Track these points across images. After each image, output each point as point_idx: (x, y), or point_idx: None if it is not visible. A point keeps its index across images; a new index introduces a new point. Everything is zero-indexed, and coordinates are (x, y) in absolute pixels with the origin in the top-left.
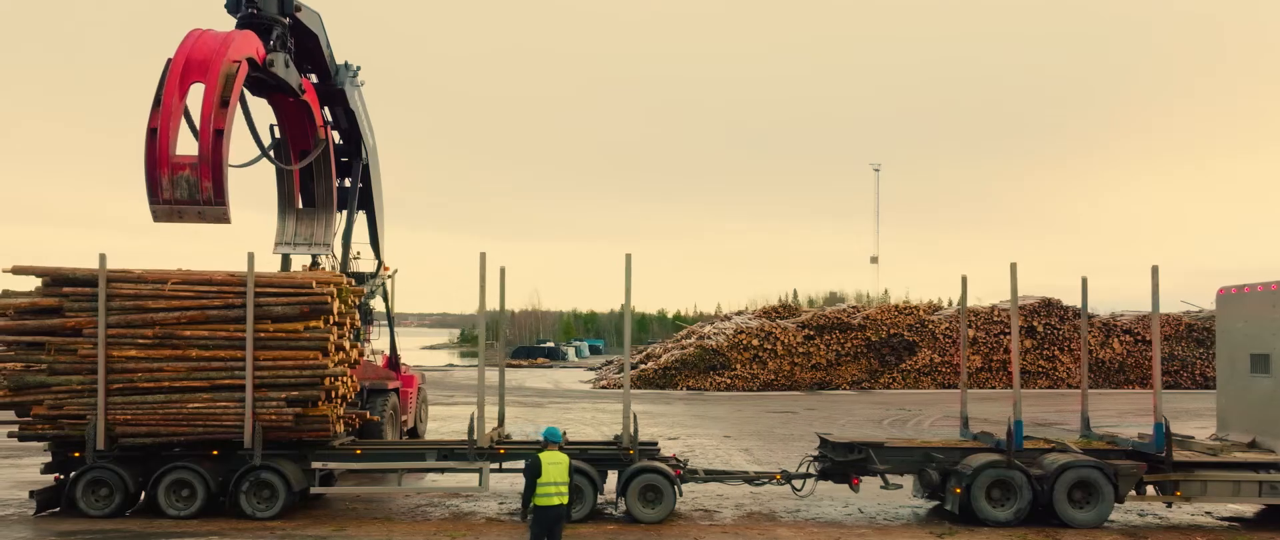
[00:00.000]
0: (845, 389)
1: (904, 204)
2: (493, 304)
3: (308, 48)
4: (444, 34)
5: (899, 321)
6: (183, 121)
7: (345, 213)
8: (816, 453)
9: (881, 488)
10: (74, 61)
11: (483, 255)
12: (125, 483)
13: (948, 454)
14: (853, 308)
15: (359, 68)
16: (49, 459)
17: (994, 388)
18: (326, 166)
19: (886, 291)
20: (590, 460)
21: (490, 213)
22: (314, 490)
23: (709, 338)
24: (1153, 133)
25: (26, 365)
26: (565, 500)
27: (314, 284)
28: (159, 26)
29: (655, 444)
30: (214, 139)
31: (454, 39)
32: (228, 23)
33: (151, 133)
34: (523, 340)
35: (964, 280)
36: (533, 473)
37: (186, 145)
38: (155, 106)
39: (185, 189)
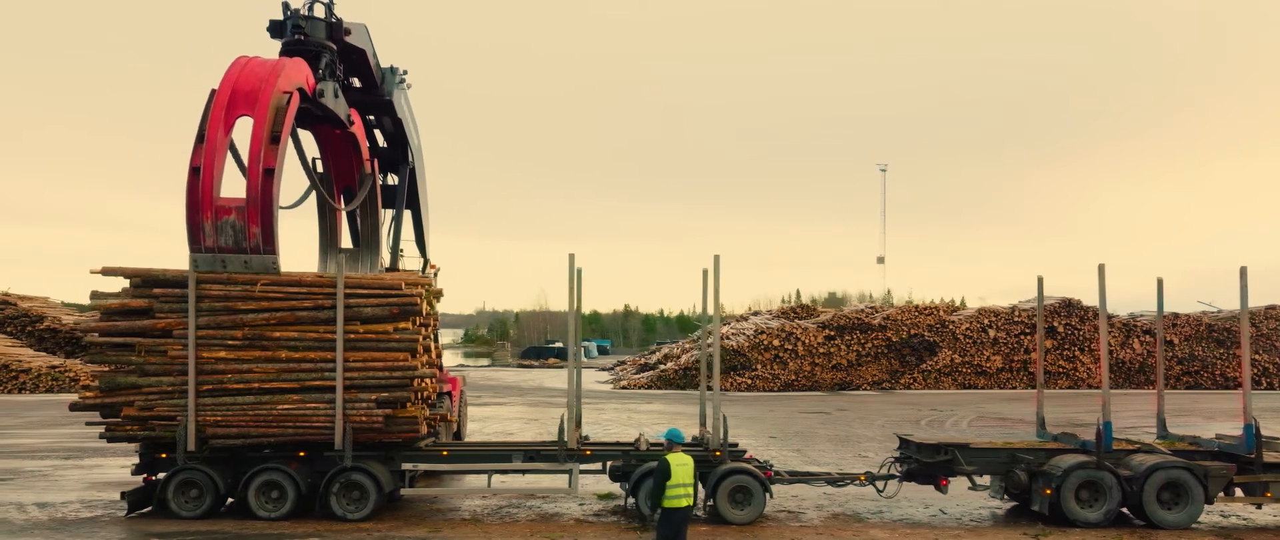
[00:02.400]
0: (866, 389)
1: (906, 204)
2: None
3: (354, 62)
4: (444, 32)
5: (919, 321)
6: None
7: (391, 211)
8: (898, 454)
9: (970, 489)
10: (75, 62)
11: (571, 256)
12: (216, 484)
13: (1035, 455)
14: (872, 308)
15: (406, 71)
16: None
17: (1015, 388)
18: (372, 203)
19: (889, 292)
20: None
21: (491, 213)
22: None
23: (729, 338)
24: (1158, 133)
25: (117, 366)
26: (692, 502)
27: (403, 285)
28: (162, 26)
29: (736, 444)
30: (263, 179)
31: (454, 37)
32: (268, 47)
33: (194, 171)
34: (531, 341)
35: (1040, 281)
36: (662, 475)
37: (231, 184)
38: (198, 142)
39: (230, 235)
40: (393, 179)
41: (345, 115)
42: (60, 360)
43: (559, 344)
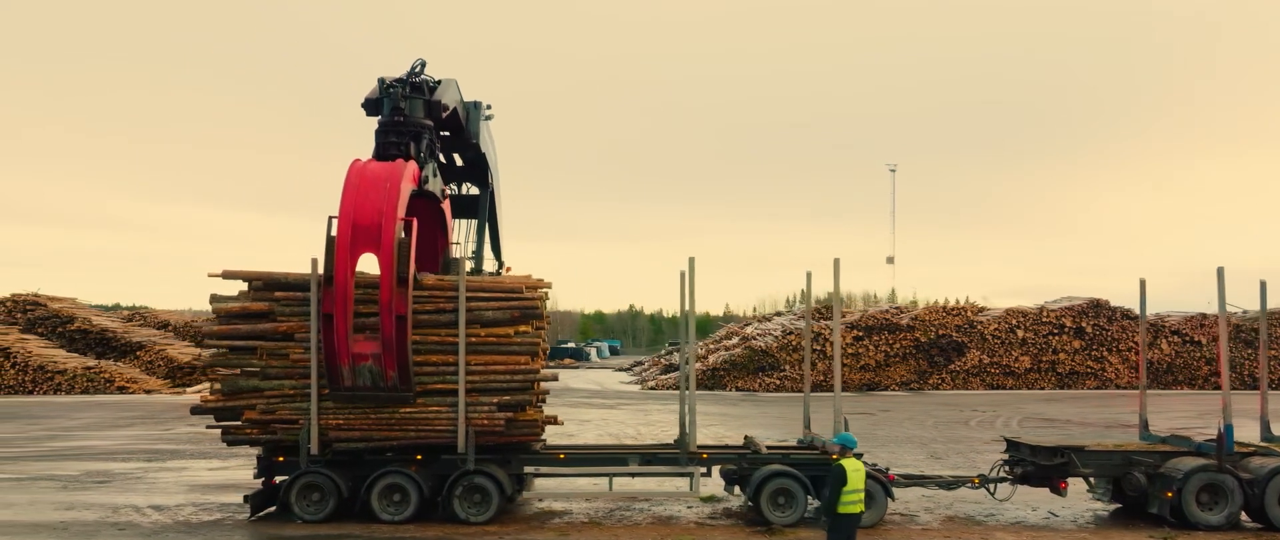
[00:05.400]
0: (895, 390)
1: (907, 204)
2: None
3: (443, 117)
4: (445, 31)
5: (947, 322)
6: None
7: (475, 221)
8: (1007, 456)
9: (1087, 491)
10: (75, 64)
11: (691, 260)
12: (338, 487)
13: (1152, 458)
14: (898, 308)
15: (490, 105)
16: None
17: (1043, 389)
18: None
19: (893, 292)
20: (793, 465)
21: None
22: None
23: (755, 338)
24: (1165, 133)
25: (238, 369)
26: (864, 507)
27: (525, 289)
28: (160, 27)
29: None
30: (397, 326)
31: (455, 36)
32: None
33: (326, 318)
34: None
35: (1142, 284)
36: (839, 482)
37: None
38: (326, 284)
39: (368, 378)
40: (469, 188)
41: (440, 191)
42: (94, 361)
43: (571, 344)
